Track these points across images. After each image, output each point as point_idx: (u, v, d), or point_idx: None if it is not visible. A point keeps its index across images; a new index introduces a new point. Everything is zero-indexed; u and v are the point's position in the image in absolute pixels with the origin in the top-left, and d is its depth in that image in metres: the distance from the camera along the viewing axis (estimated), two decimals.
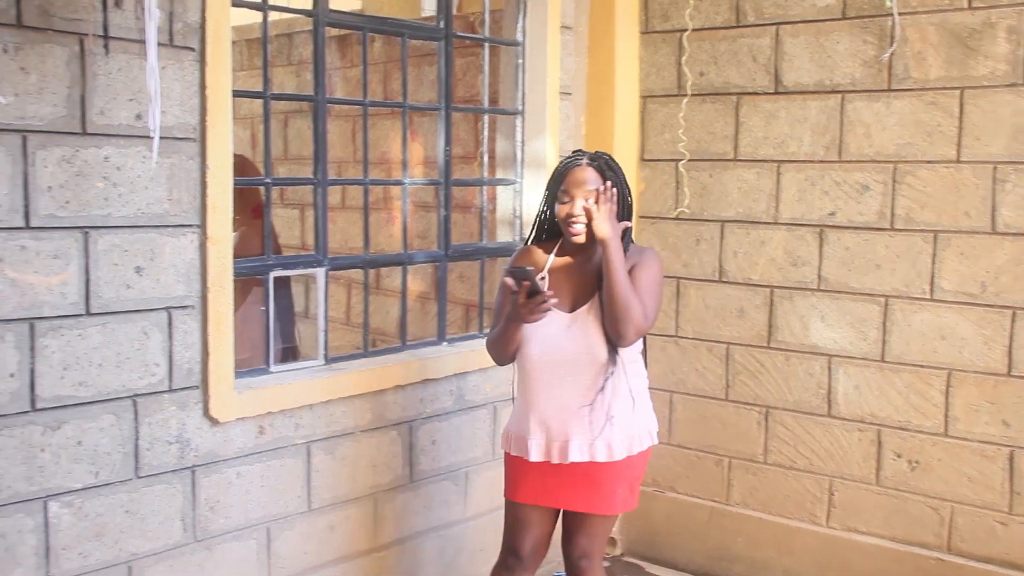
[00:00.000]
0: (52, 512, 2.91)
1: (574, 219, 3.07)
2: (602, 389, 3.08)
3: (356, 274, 5.33)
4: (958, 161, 3.87)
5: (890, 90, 4.00)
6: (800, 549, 4.31)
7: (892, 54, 3.98)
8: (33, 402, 2.85)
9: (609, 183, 3.06)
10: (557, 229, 3.20)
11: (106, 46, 2.86)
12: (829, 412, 4.23)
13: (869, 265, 4.09)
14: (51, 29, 2.78)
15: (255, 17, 3.55)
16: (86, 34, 2.83)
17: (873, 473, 4.14)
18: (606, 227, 3.00)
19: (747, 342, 4.43)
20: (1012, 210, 3.77)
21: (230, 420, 3.31)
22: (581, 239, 3.08)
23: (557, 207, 3.12)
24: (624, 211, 3.15)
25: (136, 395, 3.07)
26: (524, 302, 2.93)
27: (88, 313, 2.94)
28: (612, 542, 4.76)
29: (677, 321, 4.62)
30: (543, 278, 3.14)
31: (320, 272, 3.77)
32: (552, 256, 3.21)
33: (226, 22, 3.18)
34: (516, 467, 3.28)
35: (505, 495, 3.37)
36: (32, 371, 2.84)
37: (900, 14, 3.93)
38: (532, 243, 3.31)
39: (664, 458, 4.69)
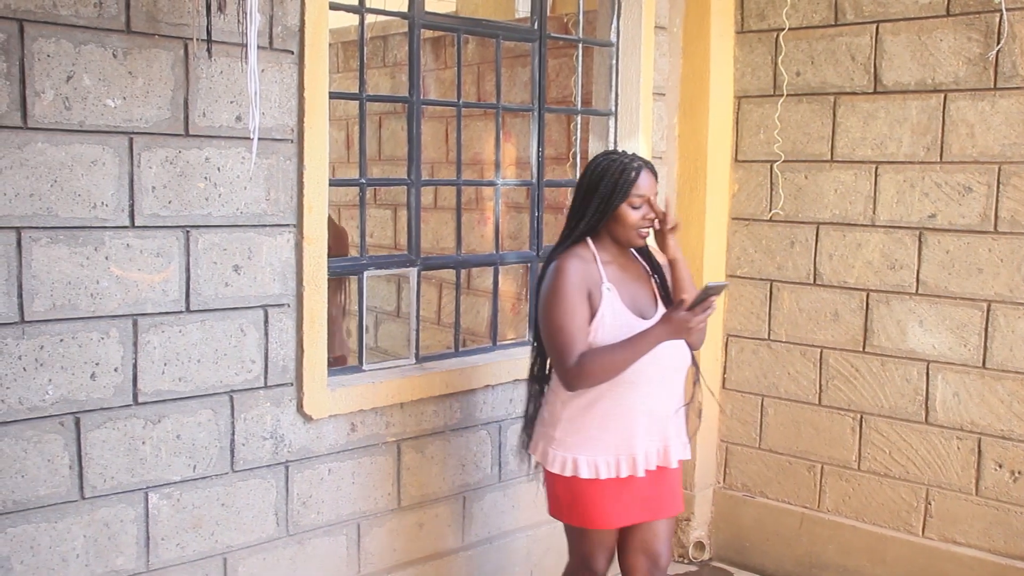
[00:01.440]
0: (152, 503, 3.00)
1: (647, 223, 3.04)
2: (693, 390, 3.13)
3: (448, 274, 5.37)
4: None
5: (996, 88, 3.88)
6: (893, 558, 4.22)
7: (999, 51, 3.86)
8: (135, 396, 2.94)
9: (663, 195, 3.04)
10: (590, 229, 3.05)
11: (209, 50, 2.93)
12: (926, 419, 4.13)
13: (971, 269, 3.97)
14: (157, 34, 2.87)
15: (351, 20, 3.61)
16: (190, 38, 2.91)
17: (973, 483, 4.03)
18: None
19: (841, 346, 4.35)
20: None
21: (323, 417, 3.37)
22: (642, 243, 3.10)
23: (627, 211, 2.99)
24: None
25: (233, 391, 3.15)
26: (701, 318, 2.82)
27: (188, 310, 3.02)
28: (701, 547, 4.72)
29: (770, 324, 4.56)
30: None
31: (413, 272, 3.80)
32: (600, 261, 3.03)
33: (324, 25, 3.23)
34: (608, 491, 3.04)
35: (593, 524, 3.10)
36: (135, 366, 2.93)
37: (1008, 10, 3.81)
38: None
39: (755, 463, 4.63)
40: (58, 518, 2.83)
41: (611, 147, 4.45)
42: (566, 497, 3.10)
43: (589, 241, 3.06)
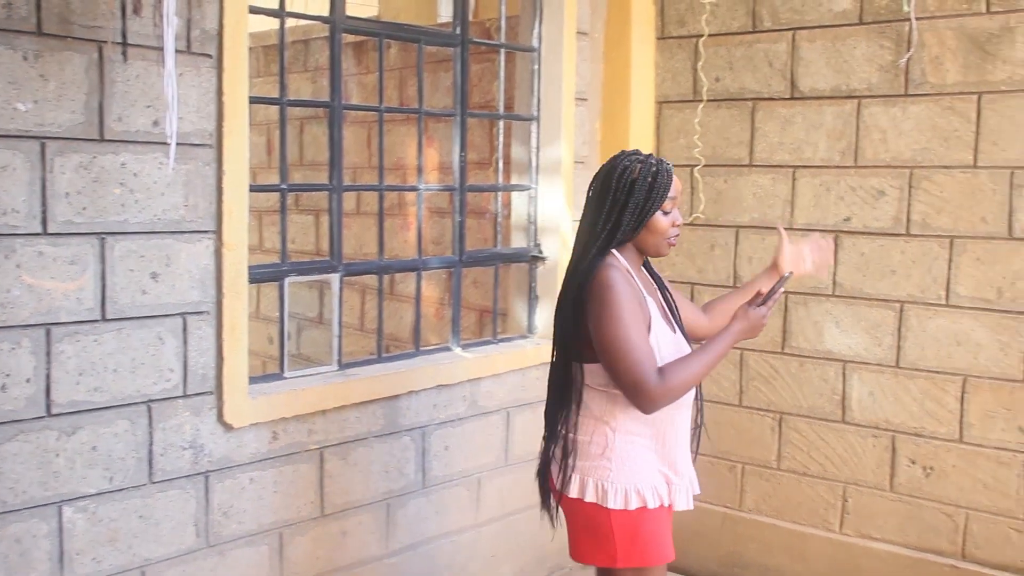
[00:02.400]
0: (66, 517, 2.93)
1: (677, 231, 2.83)
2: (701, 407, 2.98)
3: (370, 280, 5.34)
4: (975, 166, 3.85)
5: (907, 95, 3.99)
6: (813, 555, 4.30)
7: (909, 59, 3.96)
8: (49, 407, 2.86)
9: None
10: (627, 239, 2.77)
11: (124, 53, 2.88)
12: (843, 418, 4.22)
13: (884, 271, 4.07)
14: (70, 36, 2.80)
15: (272, 24, 3.57)
16: (105, 41, 2.85)
17: (887, 479, 4.12)
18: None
19: (761, 348, 4.42)
20: None
21: (244, 426, 3.32)
22: (668, 253, 2.87)
23: (660, 219, 2.74)
24: None
25: (151, 400, 3.09)
26: (766, 316, 2.75)
27: (104, 319, 2.96)
28: None
29: None
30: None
31: (335, 278, 3.77)
32: (632, 272, 2.77)
33: (243, 29, 3.19)
34: (664, 520, 2.80)
35: (659, 560, 2.79)
36: (48, 376, 2.85)
37: (917, 19, 3.92)
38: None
39: None
40: None
41: (533, 152, 4.47)
42: (624, 535, 2.72)
43: (614, 251, 2.75)
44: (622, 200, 2.72)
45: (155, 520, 3.13)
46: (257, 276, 3.49)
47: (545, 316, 4.51)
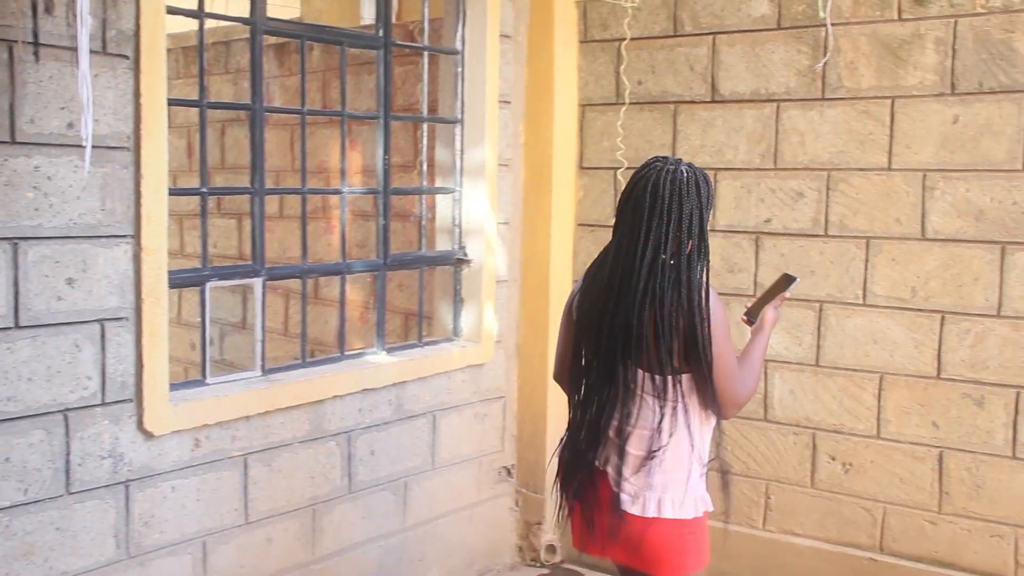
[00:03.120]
0: None
1: None
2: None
3: (294, 284, 5.28)
4: (889, 169, 3.95)
5: (824, 99, 4.07)
6: (737, 553, 4.36)
7: (825, 64, 4.05)
8: None
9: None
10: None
11: (36, 53, 2.81)
12: (765, 416, 4.29)
13: (804, 271, 4.15)
14: None
15: (191, 25, 3.52)
16: (15, 41, 2.78)
17: (808, 476, 4.20)
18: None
19: None
20: (941, 217, 3.85)
21: (165, 433, 3.27)
22: None
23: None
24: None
25: (67, 409, 3.02)
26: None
27: (17, 326, 2.88)
28: (552, 549, 4.77)
29: None
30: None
31: (257, 282, 3.73)
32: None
33: (161, 30, 3.14)
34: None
35: (708, 559, 2.83)
36: None
37: (833, 25, 4.00)
38: None
39: None
40: None
41: (457, 154, 4.47)
42: (694, 540, 2.75)
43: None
44: (704, 208, 2.65)
45: (73, 532, 3.06)
46: (178, 281, 3.44)
47: (470, 319, 4.51)
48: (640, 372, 2.66)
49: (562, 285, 4.69)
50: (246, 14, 3.64)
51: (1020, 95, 3.69)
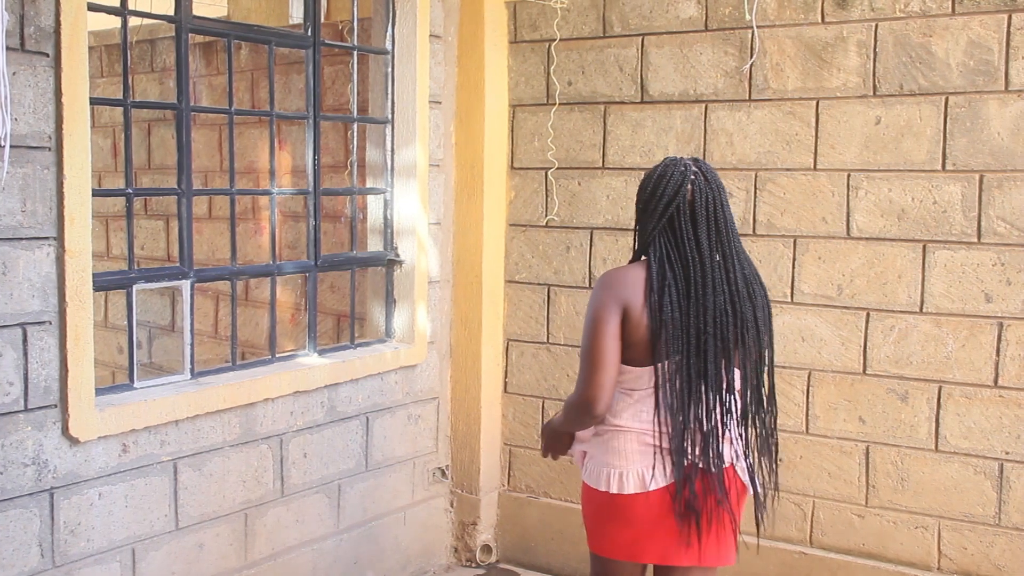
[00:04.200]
0: None
1: None
2: None
3: (224, 286, 5.22)
4: (815, 169, 4.02)
5: (751, 100, 4.13)
6: None
7: (752, 65, 4.10)
8: None
9: None
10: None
11: None
12: None
13: None
14: None
15: (114, 22, 3.45)
16: None
17: None
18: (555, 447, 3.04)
19: None
20: (864, 216, 3.93)
21: (91, 439, 3.20)
22: None
23: None
24: (637, 218, 2.83)
25: None
26: None
27: None
28: (488, 550, 4.78)
29: (549, 328, 4.67)
30: None
31: (186, 284, 3.68)
32: None
33: (82, 27, 3.08)
34: None
35: None
36: None
37: (759, 27, 4.06)
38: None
39: (538, 464, 4.72)
40: None
41: (388, 155, 4.45)
42: None
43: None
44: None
45: None
46: (103, 284, 3.38)
47: (403, 320, 4.49)
48: (728, 366, 2.76)
49: (494, 285, 4.69)
50: (171, 12, 3.58)
51: (938, 97, 3.78)
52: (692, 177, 2.73)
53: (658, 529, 2.77)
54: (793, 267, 4.09)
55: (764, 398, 2.85)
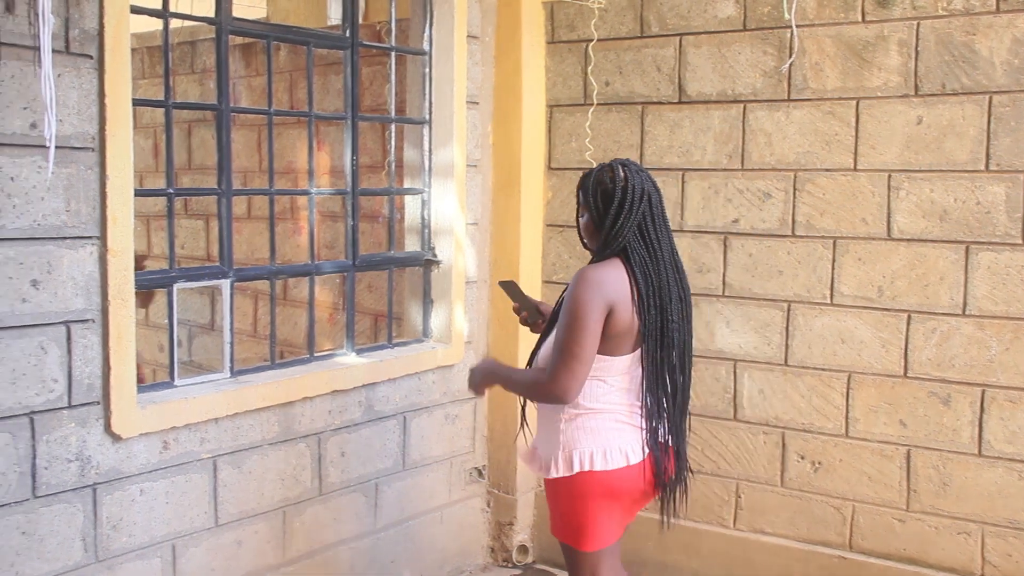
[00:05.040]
0: None
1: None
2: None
3: (263, 285, 5.26)
4: (855, 169, 3.98)
5: (789, 100, 4.10)
6: (708, 552, 4.38)
7: (791, 65, 4.08)
8: None
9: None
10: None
11: None
12: (735, 416, 4.31)
13: (772, 271, 4.17)
14: None
15: (156, 24, 3.49)
16: None
17: (778, 475, 4.23)
18: (483, 383, 3.24)
19: None
20: (906, 217, 3.89)
21: (133, 436, 3.24)
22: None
23: None
24: (598, 222, 2.97)
25: (33, 412, 2.98)
26: None
27: None
28: (524, 550, 4.78)
29: None
30: None
31: (225, 284, 3.71)
32: None
33: (125, 29, 3.11)
34: None
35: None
36: None
37: (798, 26, 4.03)
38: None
39: None
40: None
41: (425, 155, 4.47)
42: None
43: None
44: None
45: (39, 536, 3.03)
46: (145, 283, 3.41)
47: (440, 320, 4.50)
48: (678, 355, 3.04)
49: (532, 285, 4.69)
50: (212, 14, 3.61)
51: (982, 96, 3.73)
52: (649, 179, 3.00)
53: (634, 503, 3.09)
54: (833, 268, 4.06)
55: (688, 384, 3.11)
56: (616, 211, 2.93)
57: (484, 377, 3.21)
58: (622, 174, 2.95)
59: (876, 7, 3.89)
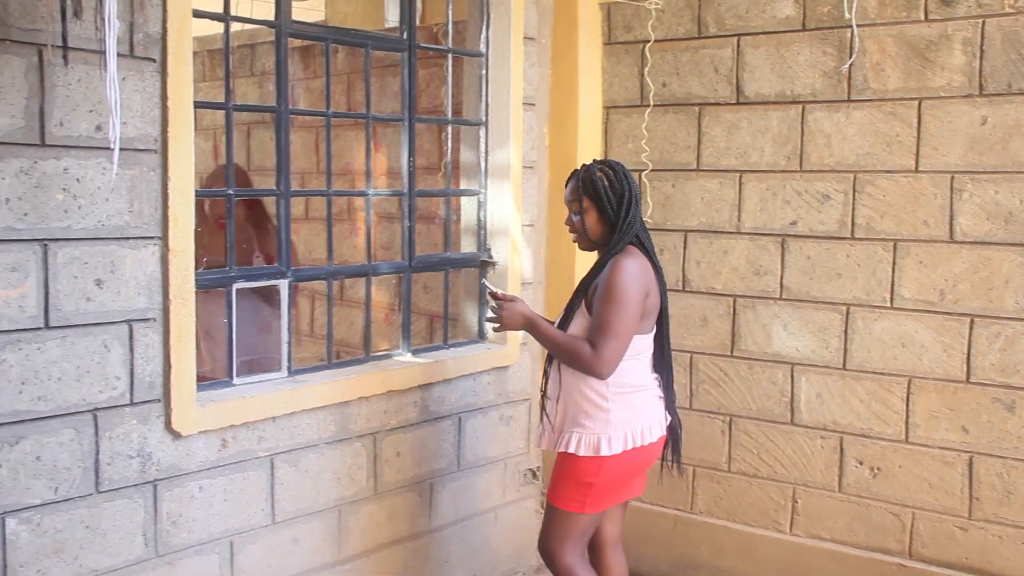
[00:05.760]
0: (10, 528, 2.88)
1: (568, 227, 3.45)
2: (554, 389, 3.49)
3: (320, 285, 5.31)
4: (916, 171, 3.92)
5: (849, 100, 4.04)
6: (764, 557, 4.34)
7: (851, 65, 4.02)
8: None
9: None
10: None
11: (65, 57, 2.83)
12: (792, 420, 4.26)
13: (830, 274, 4.12)
14: (8, 40, 2.76)
15: (217, 28, 3.54)
16: (45, 44, 2.81)
17: (835, 480, 4.17)
18: (514, 323, 3.44)
19: (710, 351, 4.46)
20: (969, 219, 3.82)
21: (192, 433, 3.29)
22: (579, 246, 3.47)
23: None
24: (613, 216, 3.33)
25: (96, 409, 3.04)
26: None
27: (47, 327, 2.91)
28: None
29: None
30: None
31: (283, 284, 3.75)
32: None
33: (187, 33, 3.16)
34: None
35: (602, 506, 3.46)
36: None
37: (858, 26, 3.98)
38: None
39: None
40: None
41: (482, 156, 4.48)
42: None
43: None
44: None
45: (102, 530, 3.09)
46: (205, 282, 3.46)
47: None
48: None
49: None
50: (271, 17, 3.66)
51: None
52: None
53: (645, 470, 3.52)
54: (893, 271, 3.99)
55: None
56: (628, 203, 3.31)
57: (523, 321, 3.43)
58: (618, 171, 3.34)
59: (940, 5, 3.82)
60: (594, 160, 3.43)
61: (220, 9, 3.45)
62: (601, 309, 3.20)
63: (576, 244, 3.48)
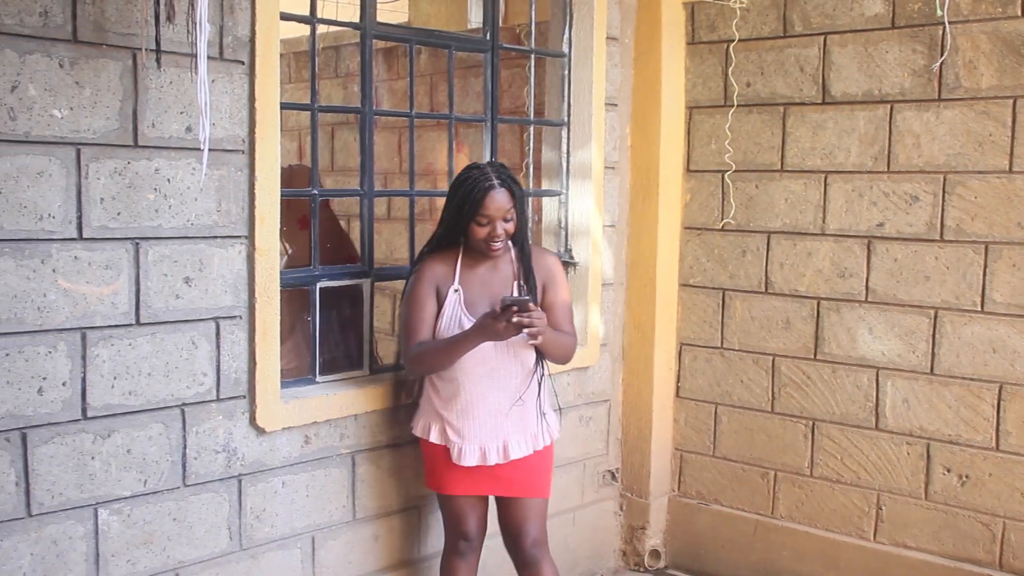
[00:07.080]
0: (102, 519, 2.96)
1: (496, 239, 3.31)
2: (533, 390, 3.46)
3: (401, 285, 5.35)
4: (1010, 171, 3.81)
5: (940, 100, 3.95)
6: (846, 564, 4.26)
7: (943, 63, 3.93)
8: (84, 411, 2.89)
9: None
10: (446, 238, 3.44)
11: (158, 60, 2.90)
12: (877, 425, 4.18)
13: (918, 277, 4.03)
14: (105, 44, 2.84)
15: (303, 30, 3.59)
16: (139, 48, 2.88)
17: (922, 487, 4.08)
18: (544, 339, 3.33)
19: (793, 354, 4.39)
20: None
21: (276, 430, 3.34)
22: (499, 255, 3.40)
23: (475, 228, 3.29)
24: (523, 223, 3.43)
25: (184, 404, 3.11)
26: (507, 325, 3.13)
27: (138, 323, 2.98)
28: (656, 555, 4.74)
29: (723, 333, 4.59)
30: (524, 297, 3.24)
31: (366, 283, 3.79)
32: (460, 264, 3.43)
33: (275, 35, 3.22)
34: (445, 461, 3.46)
35: (435, 489, 3.55)
36: (84, 380, 2.88)
37: (951, 23, 3.89)
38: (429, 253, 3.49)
39: (709, 470, 4.66)
40: (3, 536, 2.78)
41: (563, 157, 4.47)
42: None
43: (462, 245, 3.43)
44: (449, 206, 3.38)
45: (189, 523, 3.16)
46: (289, 281, 3.51)
47: (576, 321, 4.48)
48: None
49: (668, 288, 4.66)
50: (356, 19, 3.70)
51: None
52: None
53: None
54: (984, 275, 3.89)
55: None
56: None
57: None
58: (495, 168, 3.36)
59: None
60: (488, 162, 3.43)
61: (306, 12, 3.51)
62: (566, 296, 3.51)
63: (490, 252, 3.35)
